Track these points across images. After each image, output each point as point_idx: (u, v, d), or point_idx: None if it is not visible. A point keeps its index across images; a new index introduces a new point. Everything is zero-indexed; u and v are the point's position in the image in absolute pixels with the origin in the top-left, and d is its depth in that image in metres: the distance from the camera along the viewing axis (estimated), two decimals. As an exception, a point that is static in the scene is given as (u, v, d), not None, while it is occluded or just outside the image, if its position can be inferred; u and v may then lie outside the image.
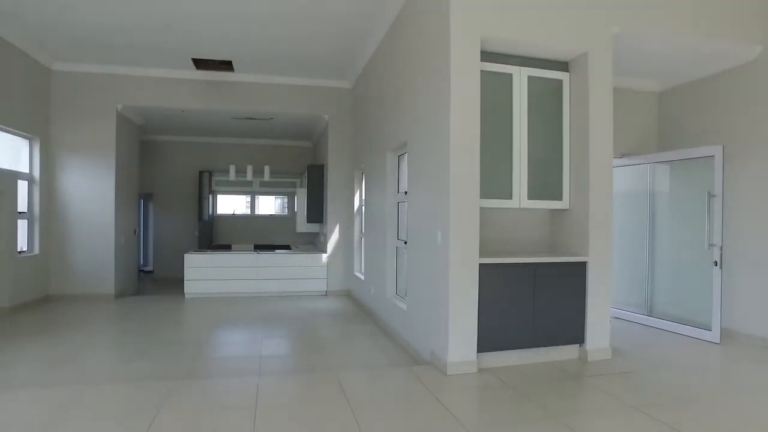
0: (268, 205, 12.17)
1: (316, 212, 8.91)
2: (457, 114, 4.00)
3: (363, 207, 7.70)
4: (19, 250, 6.94)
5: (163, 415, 3.08)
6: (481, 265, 4.04)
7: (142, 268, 12.33)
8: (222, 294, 8.02)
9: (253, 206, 11.56)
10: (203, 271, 7.98)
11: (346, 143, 8.46)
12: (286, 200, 12.00)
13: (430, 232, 4.39)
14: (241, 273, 8.09)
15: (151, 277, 11.14)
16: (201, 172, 10.58)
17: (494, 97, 4.35)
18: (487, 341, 4.07)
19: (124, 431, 2.88)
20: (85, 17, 5.87)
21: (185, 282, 7.93)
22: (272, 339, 5.39)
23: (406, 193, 5.48)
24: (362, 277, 7.52)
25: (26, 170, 7.18)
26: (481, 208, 4.23)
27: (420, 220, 4.71)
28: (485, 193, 4.20)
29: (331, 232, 8.45)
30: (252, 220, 11.40)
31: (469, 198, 4.01)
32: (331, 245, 8.45)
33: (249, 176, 8.68)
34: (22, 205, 7.03)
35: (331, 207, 8.44)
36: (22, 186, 7.03)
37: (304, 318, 6.60)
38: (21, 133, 6.96)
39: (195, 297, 7.92)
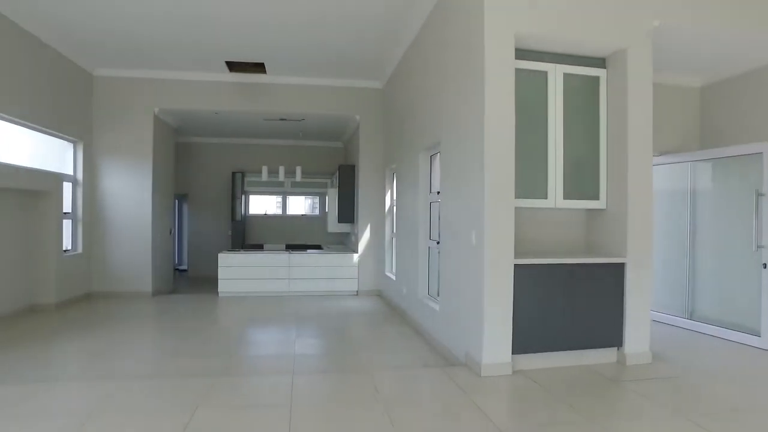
0: (299, 205, 12.30)
1: (347, 212, 8.95)
2: (492, 113, 3.95)
3: (394, 207, 7.70)
4: (64, 249, 7.21)
5: (202, 412, 3.14)
6: (516, 265, 3.98)
7: (177, 267, 12.65)
8: (255, 293, 8.14)
9: (284, 206, 11.71)
10: (236, 271, 8.12)
11: (377, 143, 8.48)
12: (316, 200, 12.09)
13: (464, 232, 4.35)
14: (273, 272, 8.20)
15: (185, 276, 11.41)
16: (234, 173, 10.79)
17: (529, 96, 4.28)
18: (522, 343, 4.01)
19: (164, 426, 2.95)
20: (125, 24, 6.05)
21: (219, 281, 8.09)
22: (305, 338, 5.44)
23: (438, 192, 5.44)
24: (393, 277, 7.52)
25: (70, 172, 7.45)
26: (516, 208, 4.17)
27: (453, 219, 4.67)
28: (520, 193, 4.14)
29: (362, 232, 8.48)
30: (283, 220, 11.56)
31: (504, 198, 3.96)
32: (362, 245, 8.48)
33: (281, 177, 8.80)
34: (66, 206, 7.30)
35: (362, 207, 8.46)
36: (67, 187, 7.30)
37: (335, 317, 6.64)
38: (66, 137, 7.24)
39: (228, 296, 8.07)
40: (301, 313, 6.84)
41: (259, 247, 10.52)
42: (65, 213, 7.20)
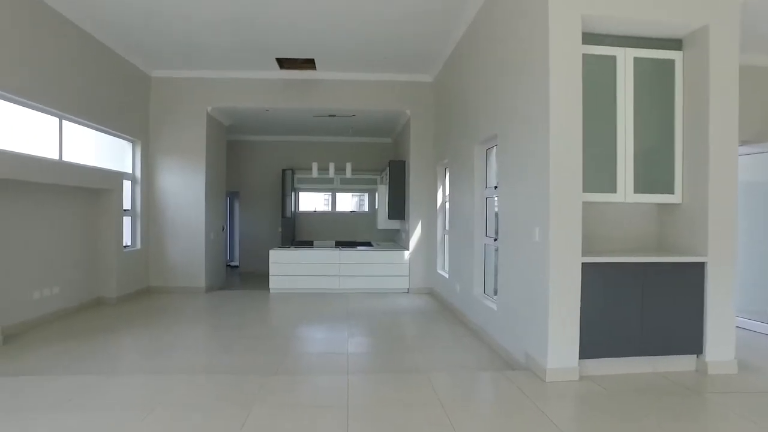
0: (348, 202, 12.29)
1: (398, 209, 8.82)
2: (558, 102, 3.70)
3: (446, 203, 7.50)
4: (124, 245, 7.44)
5: (258, 410, 3.08)
6: (584, 264, 3.72)
7: (228, 263, 12.93)
8: (305, 290, 8.15)
9: (333, 203, 11.71)
10: (287, 267, 8.15)
11: (428, 138, 8.29)
12: (365, 197, 12.01)
13: (525, 229, 4.12)
14: (323, 269, 8.18)
15: (236, 272, 11.62)
16: (284, 170, 10.88)
17: (596, 83, 3.99)
18: (591, 347, 3.74)
19: (221, 423, 2.91)
20: (180, 26, 6.15)
21: (270, 277, 8.15)
22: (358, 336, 5.35)
23: (495, 187, 5.22)
24: (446, 275, 7.32)
25: (129, 171, 7.68)
26: (583, 203, 3.89)
27: (513, 215, 4.44)
28: (588, 187, 3.87)
29: (413, 228, 8.32)
30: (332, 217, 11.57)
31: (570, 192, 3.70)
32: (413, 242, 8.33)
33: (331, 173, 8.77)
34: (126, 204, 7.53)
35: (413, 203, 8.31)
36: (126, 185, 7.53)
37: (387, 315, 6.53)
38: (126, 136, 7.46)
39: (279, 292, 8.11)
40: (352, 310, 6.77)
41: (308, 244, 10.55)
42: (125, 210, 7.42)
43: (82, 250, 6.50)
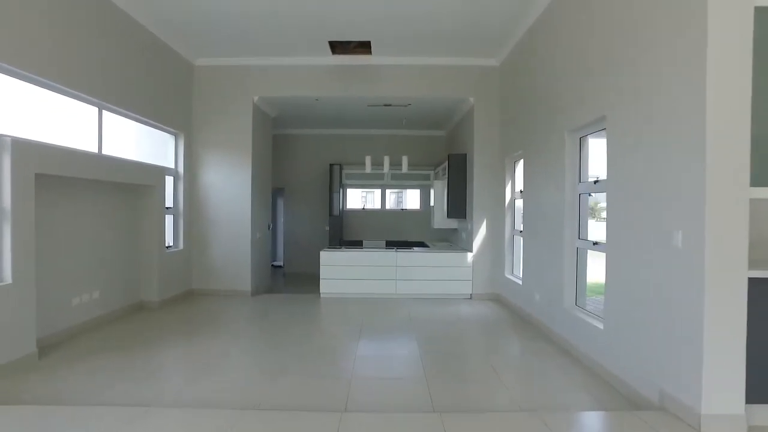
0: (400, 199, 11.55)
1: (458, 206, 8.02)
2: (718, 69, 2.83)
3: (522, 199, 6.65)
4: (167, 245, 6.93)
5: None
6: (751, 279, 2.85)
7: (272, 263, 12.41)
8: (358, 295, 7.45)
9: (383, 200, 10.99)
10: (339, 270, 7.48)
11: (494, 128, 7.45)
12: (417, 194, 11.22)
13: (657, 232, 3.26)
14: (379, 273, 7.47)
15: (281, 273, 11.07)
16: (331, 165, 10.22)
17: None
18: (762, 389, 2.87)
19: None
20: (225, 7, 5.53)
21: (321, 281, 7.49)
22: (433, 355, 4.59)
23: (596, 181, 4.36)
24: (518, 281, 6.49)
25: (172, 166, 7.16)
26: (750, 200, 3.01)
27: (635, 215, 3.58)
28: (757, 179, 2.98)
29: (477, 228, 7.51)
30: (382, 215, 10.84)
31: (734, 186, 2.84)
32: (476, 243, 7.51)
33: (386, 167, 8.04)
34: (168, 201, 7.01)
35: (477, 200, 7.49)
36: (168, 181, 7.01)
37: (456, 327, 5.75)
38: (168, 129, 6.94)
39: (331, 297, 7.45)
40: (414, 320, 6.03)
41: (357, 244, 9.88)
42: (167, 208, 6.91)
43: (123, 252, 5.99)
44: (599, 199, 5.03)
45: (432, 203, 9.32)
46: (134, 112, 5.98)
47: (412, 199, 11.56)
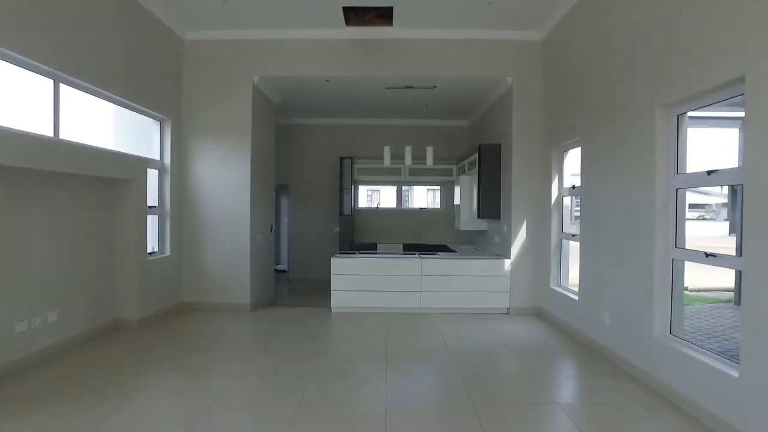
0: (418, 197, 10.42)
1: (491, 205, 6.88)
2: None
3: (578, 196, 5.51)
4: (149, 251, 5.84)
5: None
6: None
7: (275, 267, 11.31)
8: (376, 310, 6.34)
9: (399, 198, 9.84)
10: (353, 280, 6.36)
11: (537, 113, 6.32)
12: (438, 191, 10.07)
13: None
14: (399, 283, 6.34)
15: (285, 278, 9.96)
16: (342, 159, 9.08)
17: None
18: None
19: None
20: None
21: (332, 293, 6.37)
22: (489, 410, 3.46)
23: (710, 172, 3.23)
24: (571, 295, 5.37)
25: (156, 157, 6.06)
26: None
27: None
28: None
29: (516, 230, 6.37)
30: (398, 215, 9.68)
31: None
32: (515, 248, 6.37)
33: (407, 159, 6.90)
34: (151, 198, 5.92)
35: (516, 198, 6.35)
36: (152, 175, 5.92)
37: (505, 359, 4.63)
38: (152, 113, 5.84)
39: (343, 311, 6.34)
40: (451, 346, 4.90)
41: (370, 248, 8.78)
42: (150, 207, 5.81)
43: (91, 260, 4.90)
44: (690, 196, 3.89)
45: (457, 201, 8.18)
46: (109, 90, 4.89)
47: (419, 197, 10.37)
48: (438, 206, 9.80)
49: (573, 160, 5.80)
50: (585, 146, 5.07)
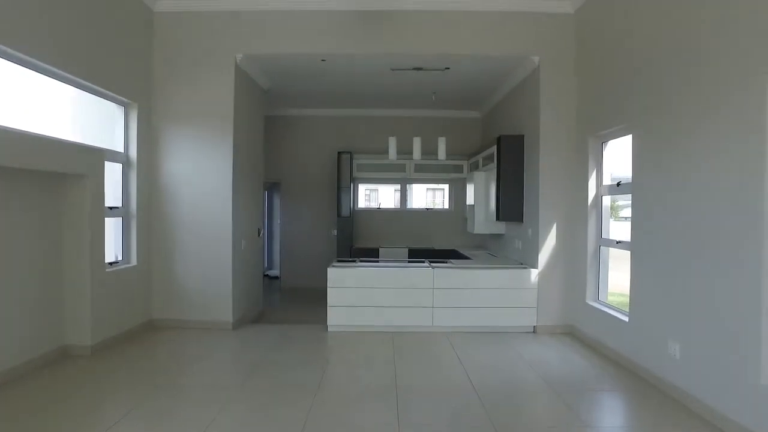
0: (417, 196, 9.44)
1: (512, 205, 5.96)
2: None
3: (630, 195, 4.59)
4: (111, 260, 4.89)
5: None
6: None
7: (266, 273, 10.38)
8: (380, 329, 5.39)
9: (403, 198, 8.86)
10: (352, 294, 5.42)
11: (569, 97, 5.40)
12: (445, 189, 9.09)
13: None
14: (408, 297, 5.41)
15: (276, 286, 9.02)
16: (339, 154, 8.11)
17: None
18: None
19: None
20: None
21: (328, 309, 5.42)
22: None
23: None
24: (619, 315, 4.45)
25: (120, 148, 5.11)
26: None
27: None
28: None
29: (543, 235, 5.44)
30: (402, 216, 8.69)
31: None
32: (543, 256, 5.45)
33: (416, 154, 5.96)
34: (113, 198, 4.97)
35: (545, 197, 5.43)
36: (113, 169, 4.97)
37: (540, 395, 3.73)
38: (114, 95, 4.89)
39: (342, 331, 5.40)
40: (475, 379, 3.96)
41: (371, 253, 7.85)
42: (111, 208, 4.86)
43: (32, 274, 3.95)
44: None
45: (471, 201, 7.24)
46: (55, 65, 3.95)
47: (418, 197, 9.38)
48: (446, 206, 8.83)
49: (616, 152, 4.89)
50: (639, 133, 4.14)
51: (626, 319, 4.29)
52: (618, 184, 4.64)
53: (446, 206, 8.85)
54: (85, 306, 4.33)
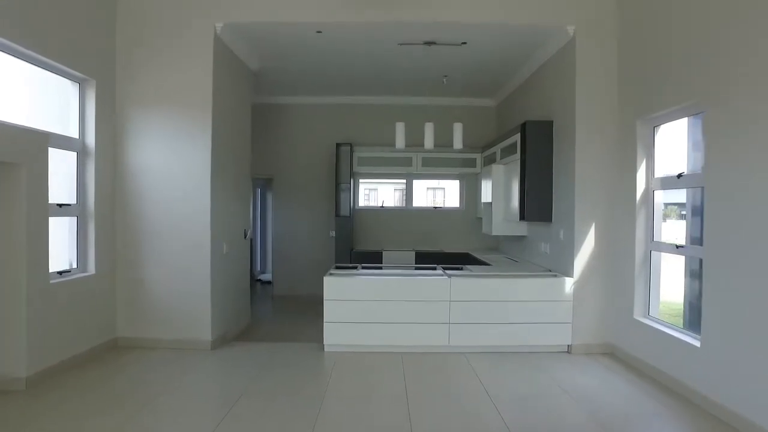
0: (418, 194, 8.49)
1: (539, 203, 5.12)
2: None
3: (702, 188, 3.76)
4: (62, 269, 4.04)
5: None
6: None
7: (259, 278, 9.53)
8: (386, 349, 4.55)
9: (408, 195, 7.97)
10: (353, 308, 4.57)
11: (612, 74, 4.55)
12: (446, 188, 8.27)
13: None
14: (420, 311, 4.56)
15: (268, 292, 8.16)
16: (338, 146, 7.23)
17: None
18: None
19: None
20: None
21: (325, 325, 4.57)
22: None
23: None
24: (685, 337, 3.61)
25: (74, 134, 4.25)
26: None
27: None
28: None
29: (579, 237, 4.59)
30: (407, 216, 7.81)
31: None
32: (579, 262, 4.59)
33: (428, 142, 5.08)
34: (66, 193, 4.12)
35: (579, 193, 4.57)
36: (65, 159, 4.12)
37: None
38: (67, 70, 4.04)
39: (341, 352, 4.55)
40: (509, 419, 3.12)
41: (374, 257, 7.01)
42: (61, 205, 4.00)
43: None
44: None
45: (488, 198, 6.38)
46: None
47: (419, 195, 8.45)
48: (458, 205, 7.97)
49: (670, 137, 4.06)
50: (713, 110, 3.28)
51: (697, 343, 3.44)
52: (679, 176, 3.79)
53: (456, 204, 7.97)
54: (17, 327, 3.47)
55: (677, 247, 3.82)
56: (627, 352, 4.32)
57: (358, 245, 7.65)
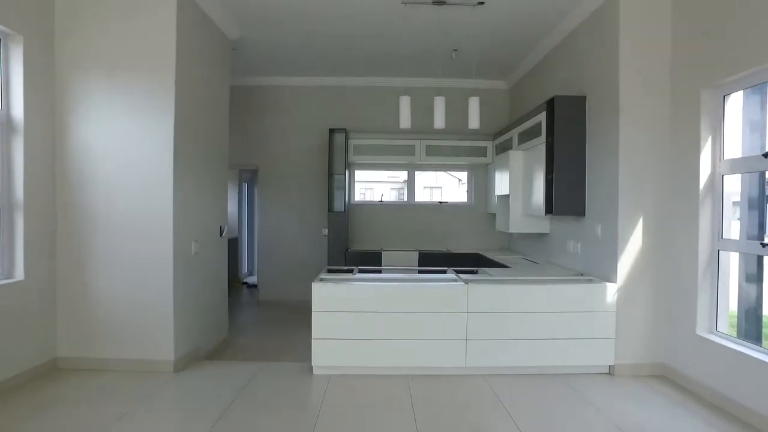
0: (418, 190, 7.60)
1: (571, 194, 4.28)
2: None
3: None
4: (-21, 273, 3.17)
5: None
6: None
7: (245, 281, 8.69)
8: (389, 371, 3.71)
9: (410, 188, 7.11)
10: (347, 321, 3.72)
11: (663, 36, 3.73)
12: (464, 177, 7.35)
13: None
14: (429, 325, 3.71)
15: (253, 297, 7.32)
16: (332, 132, 6.36)
17: None
18: None
19: None
20: None
21: (313, 342, 3.71)
22: None
23: None
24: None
25: (-4, 104, 3.39)
26: None
27: None
28: None
29: (624, 235, 3.76)
30: (409, 211, 6.94)
31: None
32: (622, 266, 3.76)
33: (438, 121, 4.18)
34: (-19, 178, 3.26)
35: (623, 181, 3.75)
36: (-19, 135, 3.25)
37: None
38: (-14, 23, 3.17)
39: (332, 375, 3.71)
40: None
41: (373, 258, 6.19)
42: (-28, 192, 3.14)
43: None
44: None
45: (503, 191, 5.53)
46: None
47: (419, 191, 7.56)
48: (466, 199, 7.12)
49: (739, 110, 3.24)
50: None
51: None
52: (766, 155, 2.96)
53: (464, 199, 7.12)
54: None
55: (763, 245, 2.99)
56: (684, 374, 3.51)
57: (354, 245, 6.79)
